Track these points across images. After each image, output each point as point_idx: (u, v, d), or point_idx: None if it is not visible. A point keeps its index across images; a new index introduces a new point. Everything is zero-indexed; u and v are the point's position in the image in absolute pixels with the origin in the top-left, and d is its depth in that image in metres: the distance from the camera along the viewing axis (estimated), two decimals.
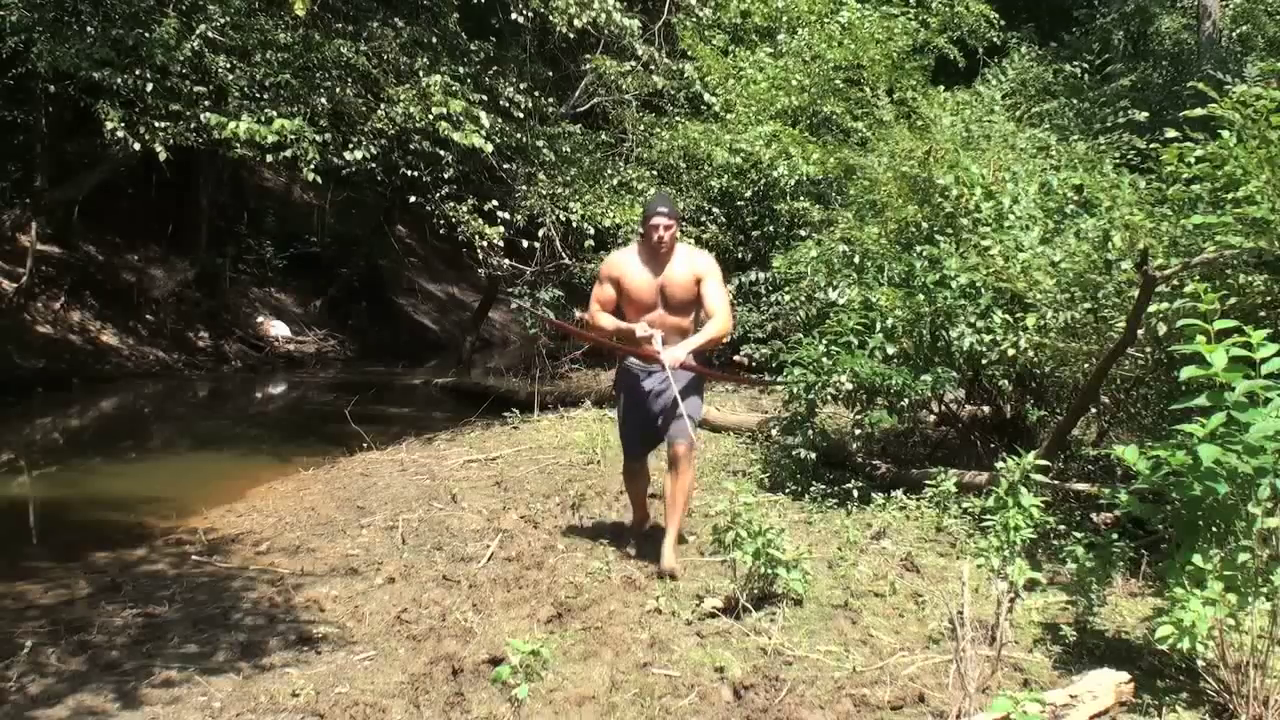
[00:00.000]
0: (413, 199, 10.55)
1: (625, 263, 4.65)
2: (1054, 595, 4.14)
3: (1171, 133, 4.86)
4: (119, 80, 7.93)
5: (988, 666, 3.27)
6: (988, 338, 5.38)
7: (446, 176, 10.17)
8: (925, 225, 6.46)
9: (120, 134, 7.89)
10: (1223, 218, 4.36)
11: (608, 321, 4.66)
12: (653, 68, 11.09)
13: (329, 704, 3.31)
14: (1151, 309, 4.44)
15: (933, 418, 6.85)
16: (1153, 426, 5.09)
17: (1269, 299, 4.43)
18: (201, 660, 3.73)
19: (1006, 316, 5.36)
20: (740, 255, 10.74)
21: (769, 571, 3.97)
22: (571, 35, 10.08)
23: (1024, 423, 6.07)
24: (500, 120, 9.60)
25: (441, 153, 9.55)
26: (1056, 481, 4.93)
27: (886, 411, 5.85)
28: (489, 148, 8.89)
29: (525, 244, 10.68)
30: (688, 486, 4.63)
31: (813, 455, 5.97)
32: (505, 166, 10.88)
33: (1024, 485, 3.71)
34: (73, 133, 12.43)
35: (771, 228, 10.32)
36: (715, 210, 10.92)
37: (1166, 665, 3.37)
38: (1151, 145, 6.01)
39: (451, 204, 9.99)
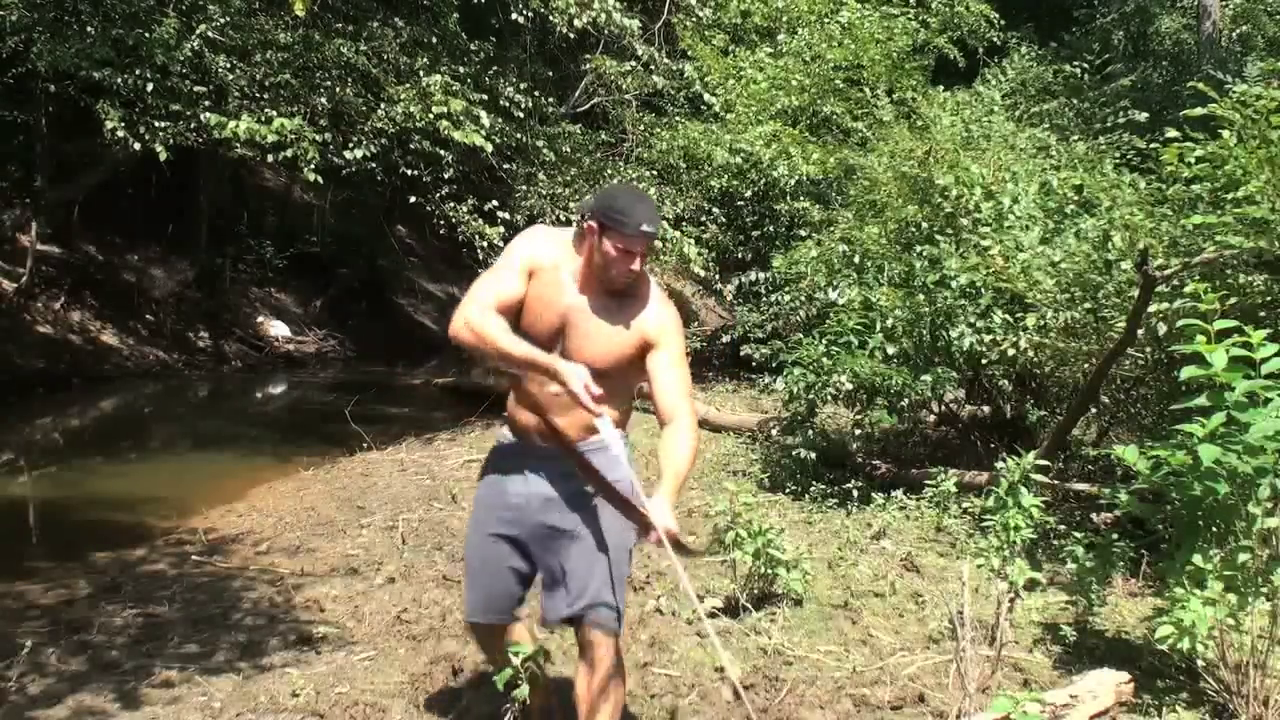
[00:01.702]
0: (413, 199, 10.54)
1: (550, 256, 2.62)
2: (1054, 595, 4.14)
3: (1171, 133, 4.86)
4: (119, 80, 7.92)
5: (988, 666, 3.27)
6: (988, 338, 5.39)
7: (446, 176, 10.17)
8: (925, 225, 6.46)
9: (120, 134, 7.88)
10: (1223, 218, 4.36)
11: (505, 336, 2.50)
12: (653, 68, 11.09)
13: (329, 704, 3.31)
14: (1151, 309, 4.44)
15: (933, 418, 6.85)
16: (1153, 426, 5.09)
17: (1269, 299, 4.43)
18: (201, 660, 3.72)
19: (1006, 316, 5.37)
20: (740, 255, 10.75)
21: (769, 571, 3.97)
22: (571, 35, 10.08)
23: (1024, 423, 6.07)
24: (500, 120, 9.60)
25: (441, 152, 9.55)
26: (1056, 481, 4.94)
27: (886, 411, 5.86)
28: (489, 147, 8.90)
29: None
30: (614, 696, 2.66)
31: (813, 455, 5.97)
32: (505, 166, 10.88)
33: (1024, 485, 3.71)
34: (73, 133, 12.41)
35: (771, 228, 10.32)
36: (715, 210, 10.92)
37: (1166, 665, 3.37)
38: (1151, 145, 6.01)
39: (451, 204, 9.99)
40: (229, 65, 8.40)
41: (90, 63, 7.77)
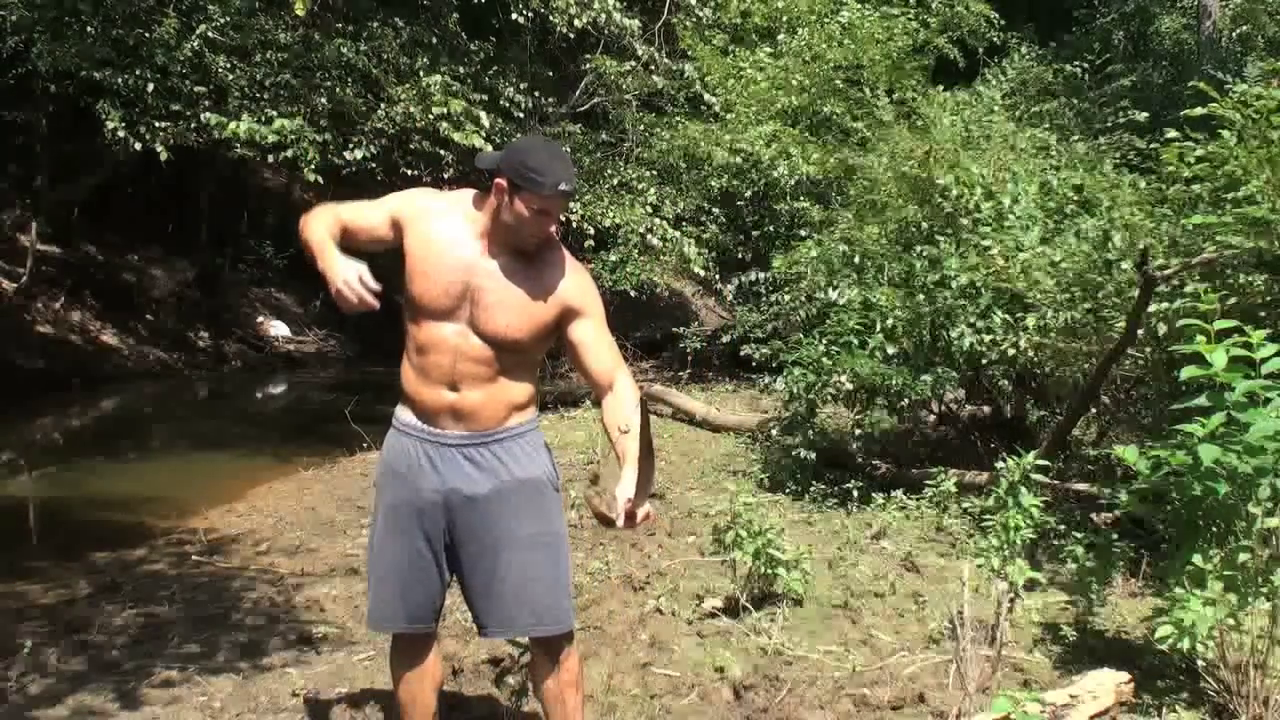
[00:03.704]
0: None
1: (441, 217, 2.41)
2: (1054, 595, 4.14)
3: (1171, 133, 4.86)
4: (119, 80, 7.93)
5: (988, 666, 3.27)
6: (988, 338, 5.39)
7: (446, 177, 10.17)
8: (925, 225, 6.46)
9: (121, 134, 7.89)
10: (1223, 218, 4.36)
11: (319, 231, 2.38)
12: (653, 68, 11.09)
13: (329, 704, 3.31)
14: (1151, 309, 4.44)
15: (933, 418, 6.85)
16: (1153, 426, 5.09)
17: (1269, 299, 4.43)
18: (201, 660, 3.72)
19: (1006, 316, 5.36)
20: (740, 255, 10.76)
21: (769, 571, 3.97)
22: (571, 35, 10.08)
23: (1024, 423, 6.07)
24: (500, 120, 9.60)
25: (441, 153, 9.55)
26: (1056, 481, 4.93)
27: (886, 411, 5.86)
28: (489, 149, 8.90)
29: None
30: (579, 685, 2.58)
31: (813, 455, 5.97)
32: None
33: (1024, 485, 3.71)
34: (73, 133, 12.42)
35: (771, 228, 10.33)
36: (715, 210, 10.92)
37: (1166, 665, 3.37)
38: (1151, 145, 6.02)
39: None
40: (229, 65, 8.40)
41: (90, 63, 7.77)
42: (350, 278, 2.29)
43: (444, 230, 2.40)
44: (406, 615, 2.49)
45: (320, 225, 2.40)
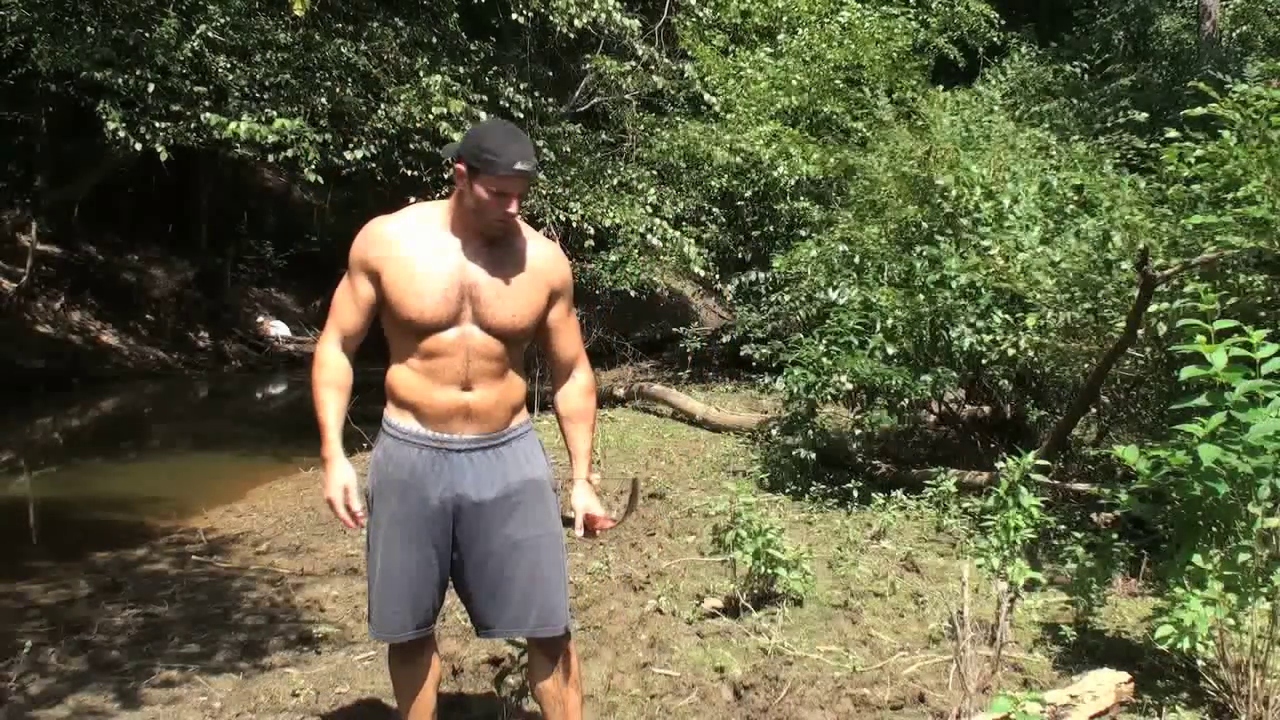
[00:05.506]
0: (413, 199, 10.52)
1: (403, 238, 2.38)
2: (1054, 595, 4.14)
3: (1171, 133, 4.86)
4: (119, 80, 7.92)
5: (988, 666, 3.27)
6: (988, 338, 5.39)
7: (447, 177, 10.17)
8: (925, 225, 6.46)
9: (121, 134, 7.88)
10: (1223, 218, 4.36)
11: (321, 396, 2.48)
12: (653, 68, 11.08)
13: (329, 704, 3.31)
14: (1151, 309, 4.44)
15: (933, 418, 6.86)
16: (1153, 426, 5.10)
17: (1269, 299, 4.43)
18: (201, 660, 3.73)
19: (1006, 316, 5.37)
20: (740, 255, 10.75)
21: (769, 571, 3.97)
22: (571, 35, 10.06)
23: (1024, 423, 6.08)
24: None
25: (442, 153, 9.54)
26: (1056, 481, 4.94)
27: (886, 411, 5.86)
28: None
29: None
30: (580, 685, 2.60)
31: (813, 455, 5.97)
32: None
33: (1024, 485, 3.71)
34: (73, 133, 12.43)
35: (771, 228, 10.32)
36: (715, 210, 10.92)
37: (1166, 665, 3.37)
38: (1151, 145, 6.02)
39: None
40: (229, 65, 8.39)
41: (90, 63, 7.77)
42: (336, 496, 2.39)
43: (417, 245, 2.36)
44: (415, 623, 2.46)
45: (325, 381, 2.47)
